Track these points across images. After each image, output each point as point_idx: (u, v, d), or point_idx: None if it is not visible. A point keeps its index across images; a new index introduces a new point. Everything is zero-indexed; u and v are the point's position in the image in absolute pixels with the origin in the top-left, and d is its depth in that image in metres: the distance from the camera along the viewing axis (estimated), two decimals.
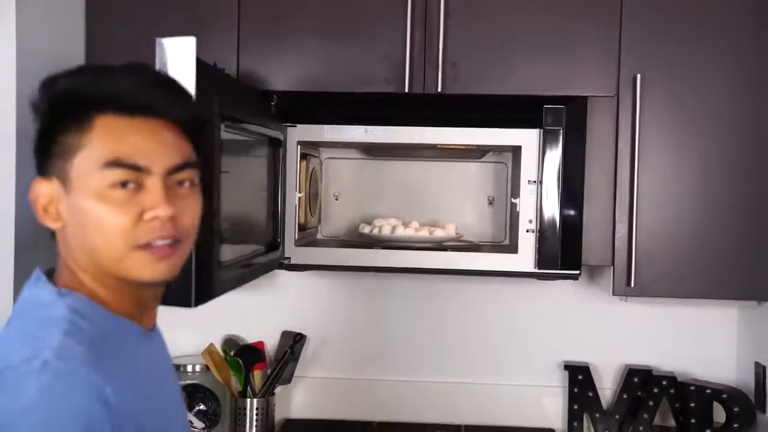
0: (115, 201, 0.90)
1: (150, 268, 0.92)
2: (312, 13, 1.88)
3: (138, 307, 0.98)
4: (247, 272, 1.52)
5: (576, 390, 2.13)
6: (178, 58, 1.12)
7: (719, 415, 1.98)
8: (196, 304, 1.12)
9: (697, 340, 2.15)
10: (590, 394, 2.12)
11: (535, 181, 1.83)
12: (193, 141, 0.98)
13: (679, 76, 1.82)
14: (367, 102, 1.97)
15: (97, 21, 1.92)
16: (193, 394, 2.02)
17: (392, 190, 2.10)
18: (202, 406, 2.02)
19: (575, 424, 2.12)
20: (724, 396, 1.96)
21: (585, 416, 2.13)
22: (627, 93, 1.83)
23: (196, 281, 1.11)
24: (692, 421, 1.97)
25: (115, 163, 0.90)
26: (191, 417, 2.00)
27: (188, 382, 2.05)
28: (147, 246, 0.91)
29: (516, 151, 1.89)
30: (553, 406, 2.19)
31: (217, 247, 1.17)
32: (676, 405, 2.05)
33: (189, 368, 2.10)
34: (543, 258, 1.81)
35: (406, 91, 1.84)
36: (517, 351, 2.21)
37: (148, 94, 0.93)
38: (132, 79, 0.94)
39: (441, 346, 2.23)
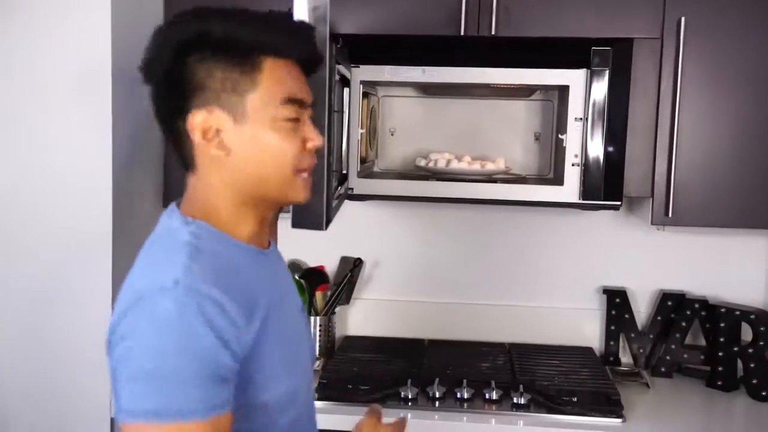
0: (286, 131, 1.07)
1: (302, 192, 1.11)
2: None
3: (258, 227, 1.12)
4: (339, 201, 1.70)
5: (613, 312, 2.30)
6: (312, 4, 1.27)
7: (746, 334, 2.13)
8: (325, 228, 1.29)
9: (728, 267, 2.30)
10: (626, 316, 2.29)
11: (581, 119, 1.96)
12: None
13: (723, 20, 1.92)
14: (424, 44, 2.10)
15: None
16: None
17: (445, 126, 2.24)
18: None
19: (612, 343, 2.30)
20: (752, 317, 2.11)
21: (621, 336, 2.30)
22: (671, 35, 1.93)
23: (326, 209, 1.28)
24: (721, 339, 2.12)
25: (290, 100, 1.07)
26: None
27: None
28: (301, 172, 1.09)
29: (563, 90, 2.02)
30: (592, 327, 2.36)
31: (331, 178, 1.33)
32: (707, 326, 2.21)
33: None
34: (587, 189, 1.95)
35: (462, 33, 1.97)
36: (560, 276, 2.38)
37: (294, 39, 1.10)
38: (284, 25, 1.10)
39: (488, 271, 2.40)
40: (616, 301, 2.30)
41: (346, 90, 1.93)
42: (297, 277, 2.27)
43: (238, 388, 0.99)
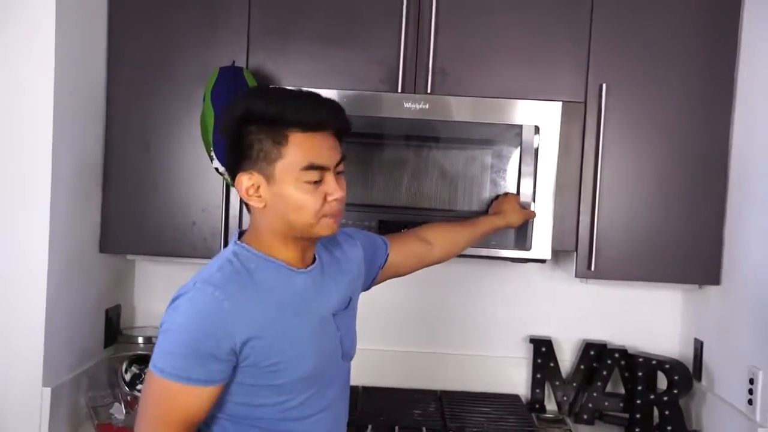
0: (308, 191, 1.36)
1: (330, 228, 1.40)
2: (316, 20, 2.09)
3: (300, 253, 1.42)
4: None
5: (539, 361, 2.39)
6: None
7: (662, 383, 2.24)
8: None
9: (647, 318, 2.42)
10: (552, 364, 2.38)
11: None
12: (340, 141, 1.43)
13: (641, 87, 2.08)
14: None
15: (118, 15, 2.11)
16: None
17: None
18: None
19: (537, 390, 2.38)
20: (667, 366, 2.22)
21: (546, 384, 2.39)
22: (594, 99, 2.07)
23: None
24: (639, 388, 2.23)
25: (310, 167, 1.35)
26: None
27: None
28: (325, 217, 1.38)
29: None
30: (519, 375, 2.44)
31: None
32: (626, 374, 2.32)
33: None
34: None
35: (399, 91, 2.06)
36: (489, 326, 2.46)
37: (321, 115, 1.36)
38: (309, 104, 1.36)
39: (421, 320, 2.46)
40: (542, 350, 2.39)
41: None
42: None
43: (255, 372, 1.32)
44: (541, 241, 2.02)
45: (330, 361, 1.46)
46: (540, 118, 2.01)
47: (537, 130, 2.01)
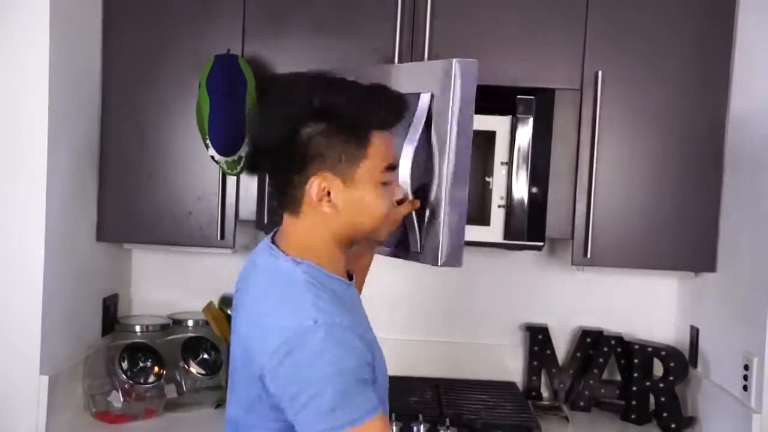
0: (383, 193, 1.25)
1: (384, 235, 1.34)
2: (312, 8, 2.08)
3: (343, 262, 1.31)
4: None
5: (535, 348, 2.39)
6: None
7: (658, 370, 2.25)
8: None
9: (643, 306, 2.43)
10: (548, 352, 2.39)
11: (506, 163, 2.05)
12: None
13: (635, 75, 2.07)
14: None
15: (113, 4, 2.10)
16: (197, 345, 2.24)
17: None
18: (205, 356, 2.23)
19: (534, 378, 2.39)
20: (663, 353, 2.23)
21: (543, 372, 2.39)
22: (589, 87, 2.07)
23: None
24: (635, 375, 2.24)
25: (390, 167, 1.26)
26: (194, 365, 2.20)
27: (191, 335, 2.26)
28: (389, 220, 1.30)
29: (489, 135, 2.11)
30: (515, 363, 2.45)
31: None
32: (622, 361, 2.33)
33: (191, 323, 2.32)
34: (511, 230, 2.04)
35: None
36: (485, 313, 2.46)
37: (395, 113, 1.27)
38: (387, 100, 1.26)
39: (417, 308, 2.47)
40: (539, 337, 2.39)
41: None
42: (228, 312, 2.28)
43: None
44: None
45: None
46: (434, 83, 1.43)
47: (432, 98, 1.42)
